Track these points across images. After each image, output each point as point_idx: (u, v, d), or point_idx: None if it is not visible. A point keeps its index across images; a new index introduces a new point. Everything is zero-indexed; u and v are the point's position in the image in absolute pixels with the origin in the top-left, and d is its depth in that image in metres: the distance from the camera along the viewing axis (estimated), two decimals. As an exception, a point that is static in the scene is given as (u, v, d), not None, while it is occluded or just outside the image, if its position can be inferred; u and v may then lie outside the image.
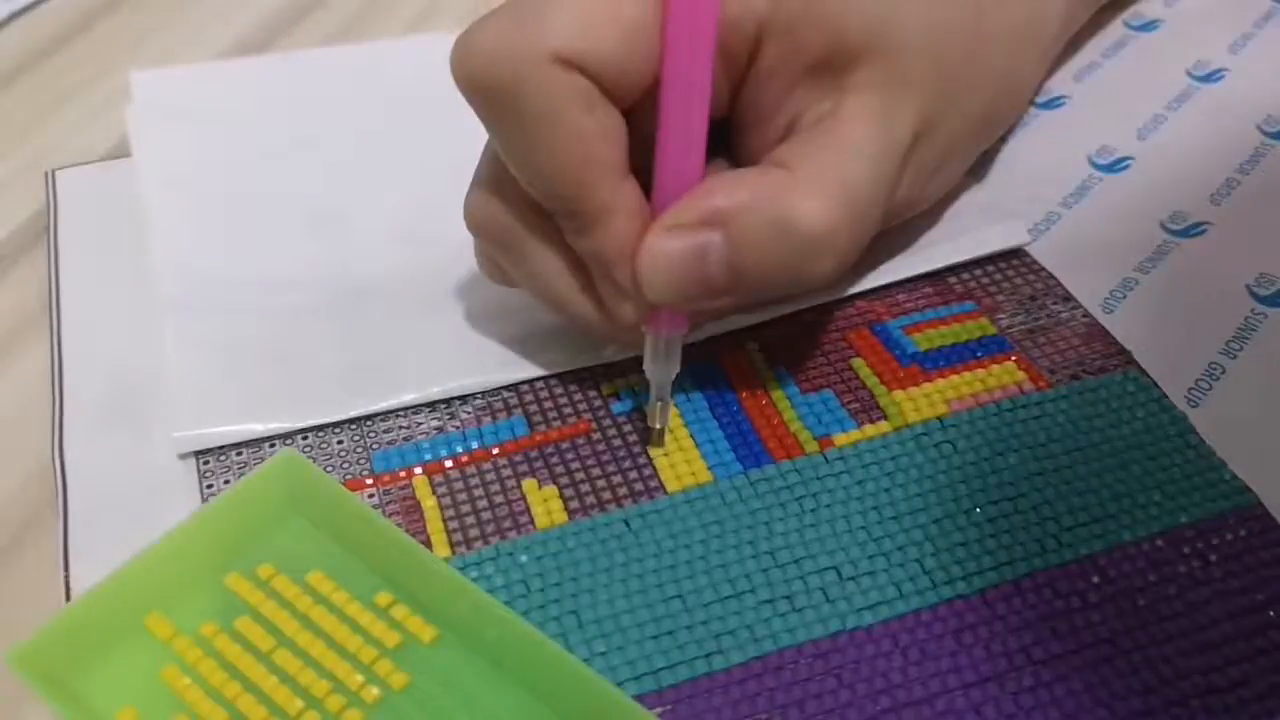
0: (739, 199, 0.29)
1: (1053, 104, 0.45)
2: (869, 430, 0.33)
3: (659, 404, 0.32)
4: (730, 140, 0.33)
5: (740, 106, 0.32)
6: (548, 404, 0.34)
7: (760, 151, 0.31)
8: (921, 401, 0.34)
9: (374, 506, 0.31)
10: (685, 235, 0.29)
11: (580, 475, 0.32)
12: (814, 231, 0.28)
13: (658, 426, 0.33)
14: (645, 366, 0.32)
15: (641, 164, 0.30)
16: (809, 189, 0.29)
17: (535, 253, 0.32)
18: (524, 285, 0.33)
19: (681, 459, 0.32)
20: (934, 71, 0.32)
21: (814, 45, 0.31)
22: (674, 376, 0.32)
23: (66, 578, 0.30)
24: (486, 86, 0.28)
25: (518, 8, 0.28)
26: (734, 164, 0.33)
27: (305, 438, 0.33)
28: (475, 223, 0.32)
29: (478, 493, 0.32)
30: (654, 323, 0.31)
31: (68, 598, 0.29)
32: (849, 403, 0.34)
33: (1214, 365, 0.34)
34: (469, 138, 0.31)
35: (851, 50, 0.31)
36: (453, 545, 0.30)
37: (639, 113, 0.29)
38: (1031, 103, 0.45)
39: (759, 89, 0.32)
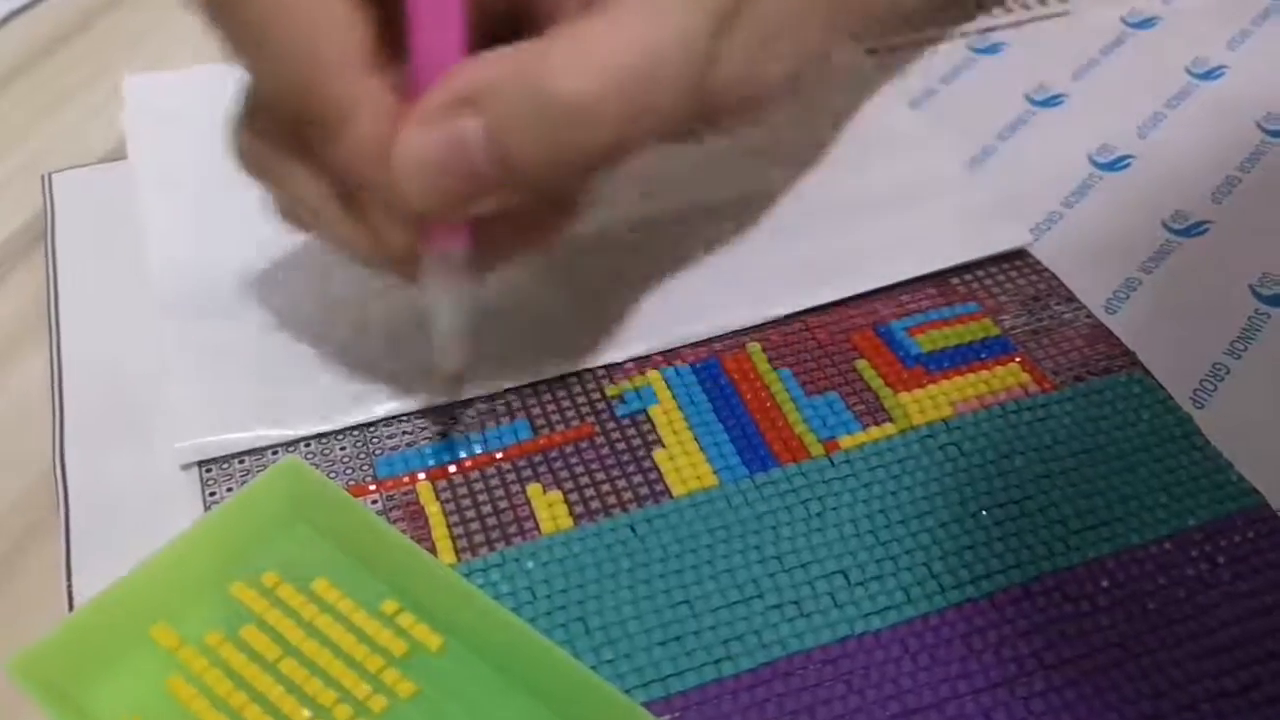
0: (491, 75, 0.26)
1: (1052, 102, 0.45)
2: (874, 432, 0.33)
3: (449, 339, 0.30)
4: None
5: None
6: (550, 407, 0.34)
7: None
8: (926, 403, 0.34)
9: (378, 513, 0.31)
10: (439, 125, 0.26)
11: (585, 479, 0.32)
12: (574, 97, 0.25)
13: (448, 368, 0.31)
14: (423, 294, 0.29)
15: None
16: (568, 55, 0.25)
17: (292, 179, 0.29)
18: (299, 225, 0.31)
19: (686, 462, 0.32)
20: None
21: None
22: (462, 303, 0.29)
23: (69, 587, 0.30)
24: None
25: None
26: None
27: (308, 444, 0.33)
28: (236, 154, 0.30)
29: (482, 498, 0.32)
30: (427, 239, 0.28)
31: (70, 607, 0.29)
32: (854, 405, 0.34)
33: (1218, 366, 0.34)
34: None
35: None
36: (458, 551, 0.30)
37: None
38: None
39: None
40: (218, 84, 0.45)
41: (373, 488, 0.32)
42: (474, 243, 0.29)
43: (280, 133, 0.28)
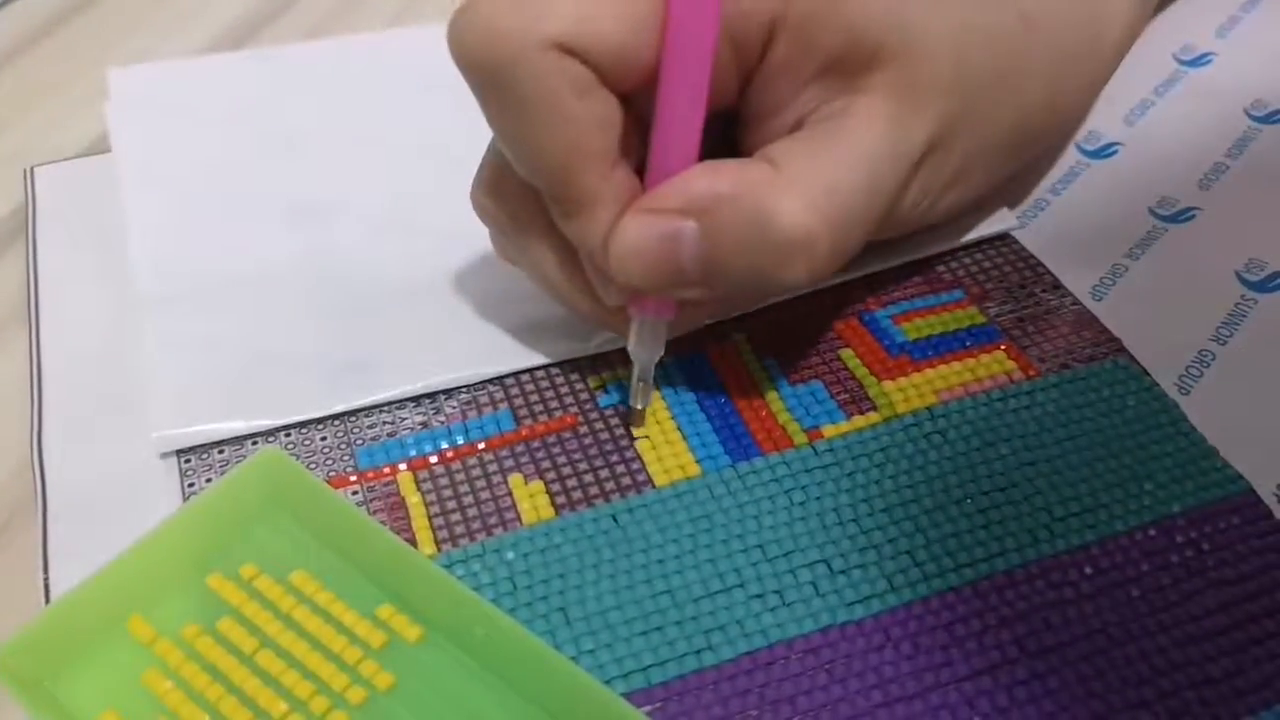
0: (718, 188, 0.28)
1: (1040, 90, 0.44)
2: (858, 421, 0.33)
3: (641, 385, 0.32)
4: (738, 136, 0.32)
5: (749, 100, 0.31)
6: (533, 397, 0.34)
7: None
8: (911, 392, 0.33)
9: (358, 504, 0.31)
10: (659, 220, 0.28)
11: (567, 470, 0.32)
12: (790, 233, 0.27)
13: (639, 407, 0.33)
14: (629, 347, 0.32)
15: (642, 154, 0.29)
16: (792, 188, 0.28)
17: (530, 236, 0.32)
18: (523, 268, 0.33)
19: (669, 452, 0.32)
20: (959, 81, 0.31)
21: (829, 43, 0.29)
22: (657, 359, 0.32)
23: (45, 579, 0.29)
24: (480, 65, 0.27)
25: None
26: None
27: (288, 435, 0.33)
28: (477, 205, 0.32)
29: (463, 489, 0.31)
30: (637, 304, 0.31)
31: (47, 600, 0.29)
32: (838, 394, 0.33)
33: (1204, 352, 0.34)
34: (448, 131, 0.31)
35: (868, 51, 0.29)
36: (438, 542, 0.30)
37: (642, 100, 0.29)
38: (1079, 124, 0.43)
39: (769, 83, 0.30)
40: (203, 77, 0.46)
41: (353, 478, 0.32)
42: (675, 310, 0.31)
43: (525, 192, 0.31)
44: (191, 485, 0.31)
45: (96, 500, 0.31)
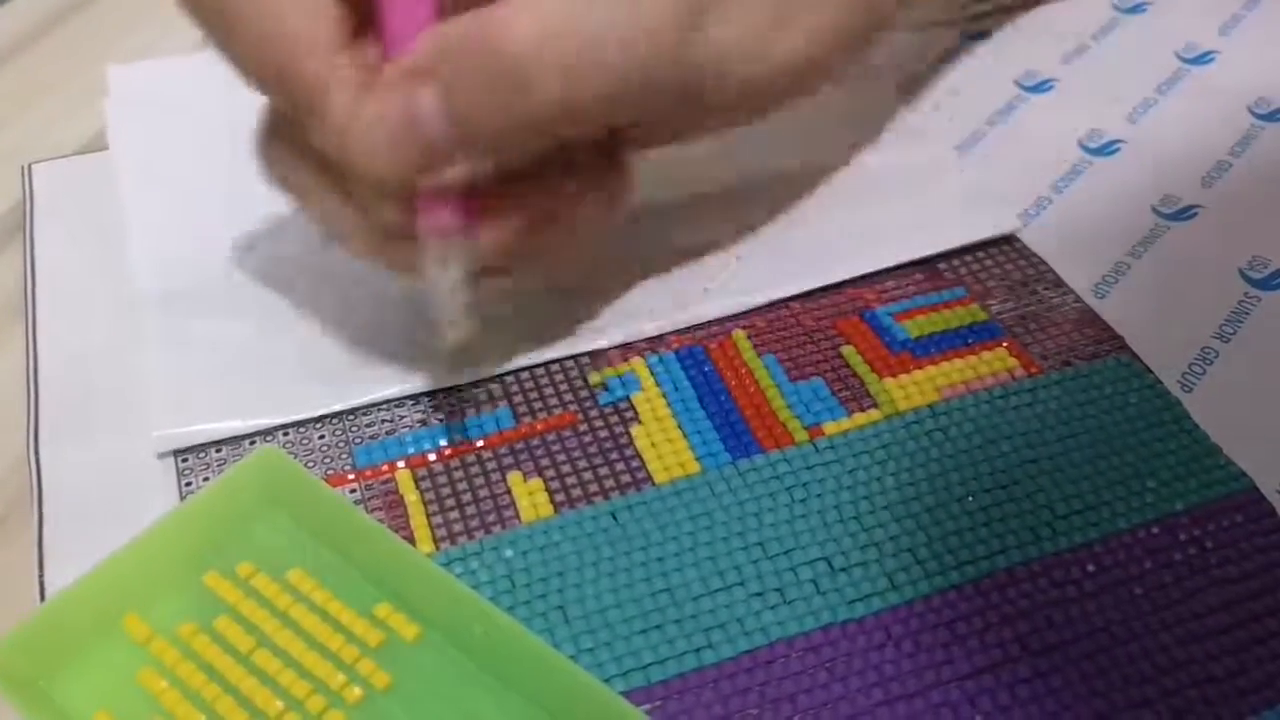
0: (446, 42, 0.26)
1: (1041, 88, 0.44)
2: (859, 419, 0.33)
3: (450, 316, 0.30)
4: None
5: None
6: (533, 395, 0.34)
7: None
8: (912, 389, 0.33)
9: (356, 502, 0.31)
10: (392, 92, 0.26)
11: (566, 467, 0.32)
12: (520, 48, 0.25)
13: (453, 340, 0.30)
14: (427, 274, 0.29)
15: None
16: (521, 12, 0.25)
17: (296, 174, 0.30)
18: (316, 224, 0.31)
19: (669, 449, 0.32)
20: None
21: None
22: (463, 274, 0.29)
23: (41, 578, 0.29)
24: None
25: None
26: None
27: (286, 433, 0.32)
28: (261, 162, 0.31)
29: (462, 486, 0.31)
30: (423, 215, 0.28)
31: (42, 598, 0.29)
32: (839, 391, 0.33)
33: (1207, 350, 0.34)
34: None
35: None
36: (436, 541, 0.30)
37: None
38: None
39: None
40: (202, 75, 0.45)
41: (351, 476, 0.31)
42: (468, 219, 0.28)
43: (289, 137, 0.29)
44: (189, 484, 0.31)
45: (93, 499, 0.31)
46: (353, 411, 0.33)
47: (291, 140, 0.29)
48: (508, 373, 0.34)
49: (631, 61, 0.27)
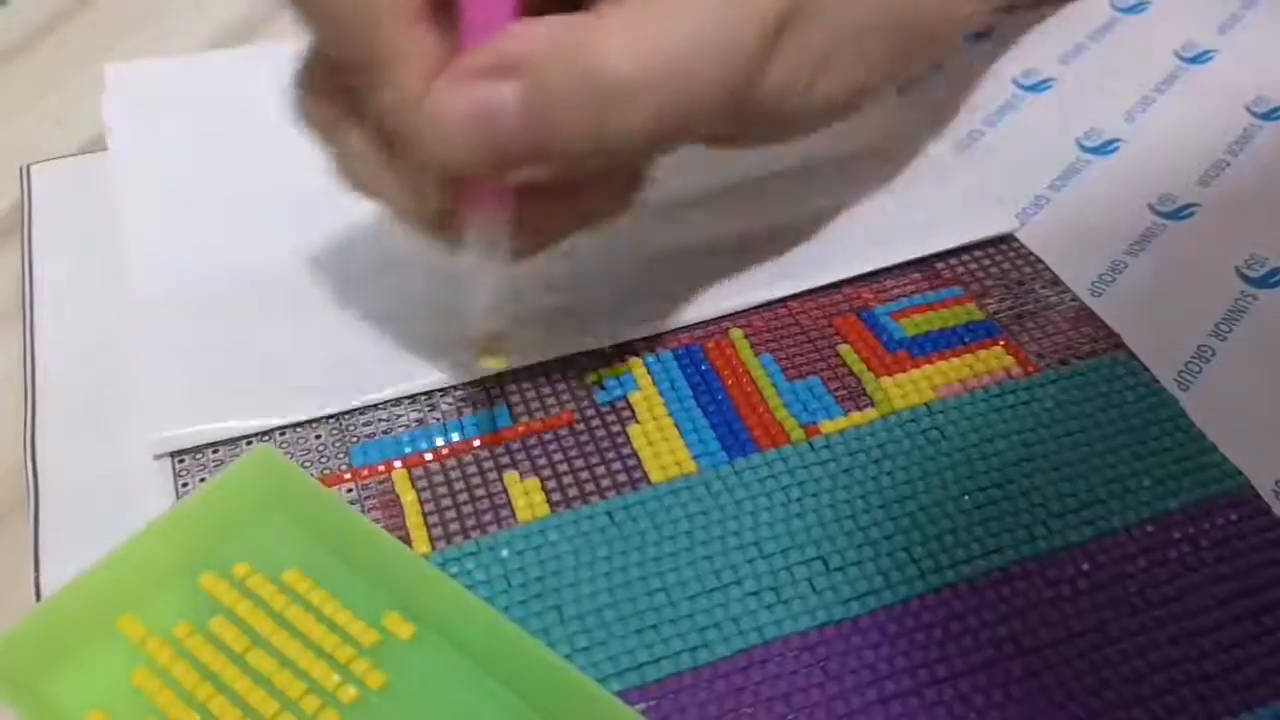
0: (536, 44, 0.25)
1: (1040, 87, 0.44)
2: (856, 418, 0.33)
3: (492, 303, 0.29)
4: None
5: None
6: (530, 394, 0.34)
7: None
8: (909, 387, 0.33)
9: (352, 502, 0.31)
10: (473, 84, 0.25)
11: (563, 467, 0.32)
12: (616, 78, 0.25)
13: (494, 330, 0.30)
14: (467, 260, 0.29)
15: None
16: (617, 37, 0.25)
17: (342, 132, 0.29)
18: (346, 179, 0.30)
19: (665, 448, 0.32)
20: None
21: None
22: (504, 269, 0.29)
23: (37, 578, 0.29)
24: None
25: None
26: None
27: (283, 433, 0.32)
28: (295, 116, 0.30)
29: (458, 486, 0.31)
30: (469, 200, 0.28)
31: (38, 598, 0.29)
32: (835, 390, 0.33)
33: (1204, 348, 0.34)
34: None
35: None
36: (432, 540, 0.30)
37: None
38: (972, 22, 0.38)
39: None
40: (200, 74, 0.45)
41: (348, 476, 0.31)
42: (517, 209, 0.28)
43: (335, 88, 0.28)
44: (185, 486, 0.31)
45: (89, 500, 0.31)
46: (349, 411, 0.33)
47: (335, 88, 0.28)
48: (505, 373, 0.34)
49: (719, 92, 0.27)
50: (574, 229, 0.31)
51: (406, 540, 0.30)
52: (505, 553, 0.30)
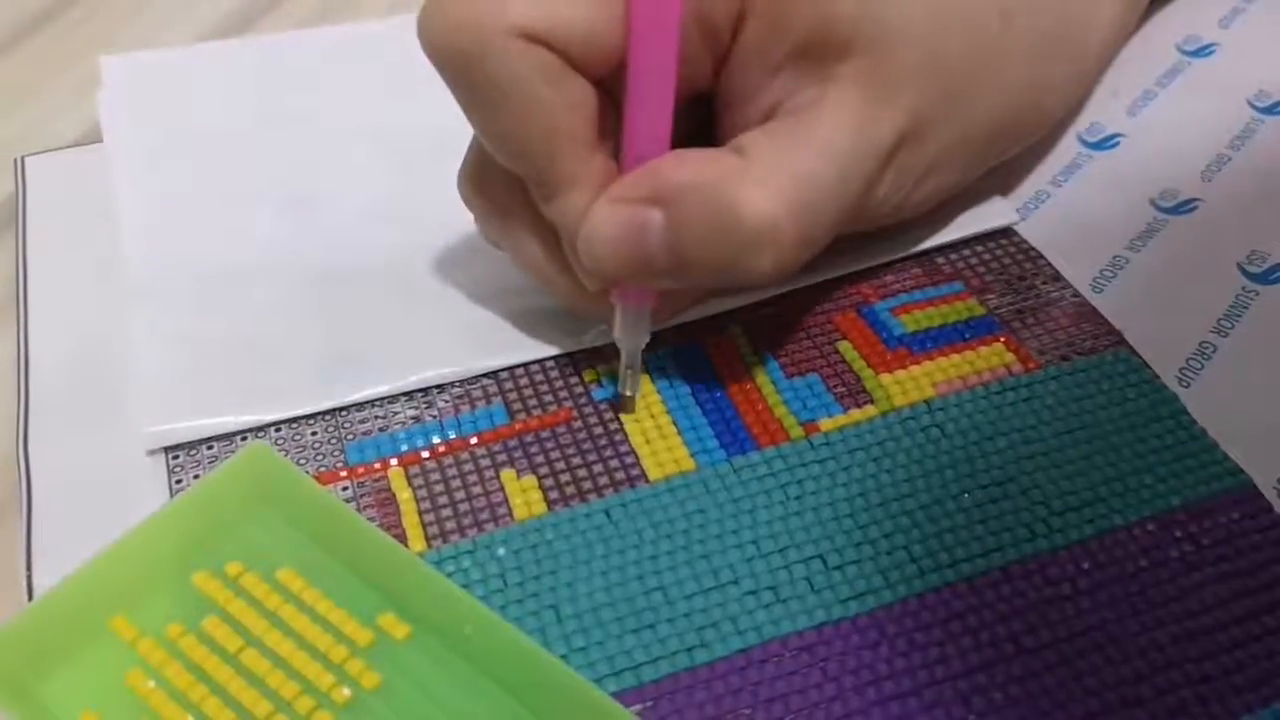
0: (682, 177, 0.28)
1: (1040, 80, 0.44)
2: (855, 415, 0.32)
3: (629, 371, 0.32)
4: (715, 121, 0.32)
5: (724, 86, 0.31)
6: (528, 391, 0.33)
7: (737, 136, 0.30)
8: (909, 384, 0.33)
9: (348, 500, 0.30)
10: (626, 209, 0.28)
11: (560, 465, 0.31)
12: (754, 223, 0.27)
13: (628, 394, 0.33)
14: (614, 334, 0.32)
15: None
16: (758, 178, 0.28)
17: (514, 222, 0.32)
18: (508, 253, 0.33)
19: (664, 446, 0.32)
20: (932, 71, 0.31)
21: (798, 28, 0.29)
22: (643, 345, 0.32)
23: (28, 577, 0.29)
24: (448, 57, 0.28)
25: None
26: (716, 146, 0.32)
27: (278, 430, 0.32)
28: (463, 195, 0.33)
29: (455, 484, 0.31)
30: (618, 291, 0.31)
31: (30, 597, 0.29)
32: (835, 387, 0.33)
33: (1205, 344, 0.34)
34: (443, 123, 0.31)
35: (840, 39, 0.29)
36: (428, 539, 0.30)
37: (619, 85, 0.29)
38: (1062, 119, 0.41)
39: (740, 68, 0.30)
40: (196, 66, 0.45)
41: (343, 474, 0.31)
42: (659, 301, 0.31)
43: (504, 184, 0.31)
44: (179, 482, 0.31)
45: (82, 497, 0.31)
46: (345, 408, 0.33)
47: (499, 182, 0.31)
48: (502, 370, 0.34)
49: (842, 216, 0.30)
50: (703, 301, 0.35)
51: (402, 538, 0.30)
52: (502, 551, 0.29)
